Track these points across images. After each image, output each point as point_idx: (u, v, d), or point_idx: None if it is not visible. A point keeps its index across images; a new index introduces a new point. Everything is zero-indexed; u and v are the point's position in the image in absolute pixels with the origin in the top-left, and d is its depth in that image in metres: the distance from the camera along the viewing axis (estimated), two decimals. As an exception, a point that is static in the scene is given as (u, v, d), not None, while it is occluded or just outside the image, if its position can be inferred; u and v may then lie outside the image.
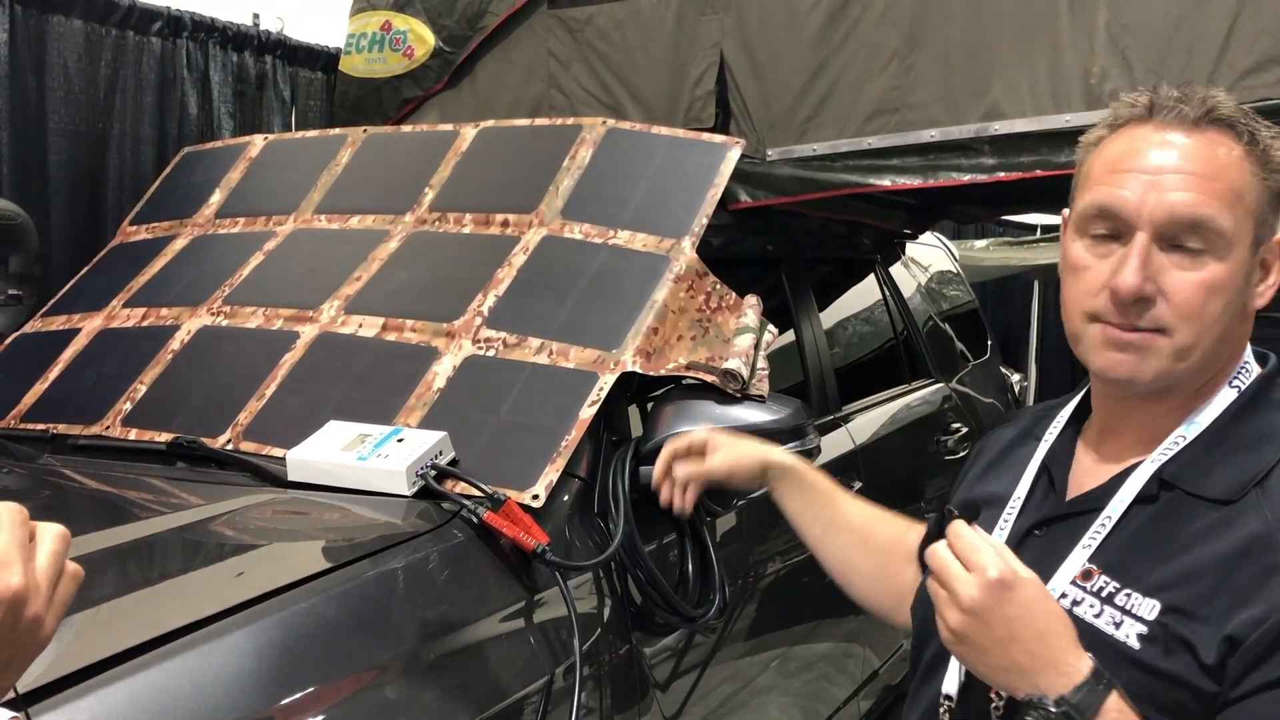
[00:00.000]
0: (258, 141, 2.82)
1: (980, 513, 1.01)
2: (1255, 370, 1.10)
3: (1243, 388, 1.07)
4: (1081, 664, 0.93)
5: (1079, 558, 1.05)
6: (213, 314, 2.33)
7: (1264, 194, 1.04)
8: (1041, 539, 1.11)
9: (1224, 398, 1.07)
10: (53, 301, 2.63)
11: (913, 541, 1.44)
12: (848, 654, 2.73)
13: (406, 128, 2.84)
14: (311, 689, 1.31)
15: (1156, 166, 1.02)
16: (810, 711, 2.57)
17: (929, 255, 3.98)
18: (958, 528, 0.98)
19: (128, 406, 2.18)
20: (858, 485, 2.67)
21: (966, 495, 1.29)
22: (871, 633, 2.81)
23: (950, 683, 1.12)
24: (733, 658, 2.18)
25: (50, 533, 0.88)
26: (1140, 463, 1.07)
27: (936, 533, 1.01)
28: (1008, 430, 1.32)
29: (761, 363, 2.06)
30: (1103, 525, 1.05)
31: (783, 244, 2.88)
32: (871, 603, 1.47)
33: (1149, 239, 1.02)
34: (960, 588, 0.95)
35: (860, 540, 1.47)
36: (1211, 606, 0.96)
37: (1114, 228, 1.04)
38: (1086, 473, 1.14)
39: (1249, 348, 1.11)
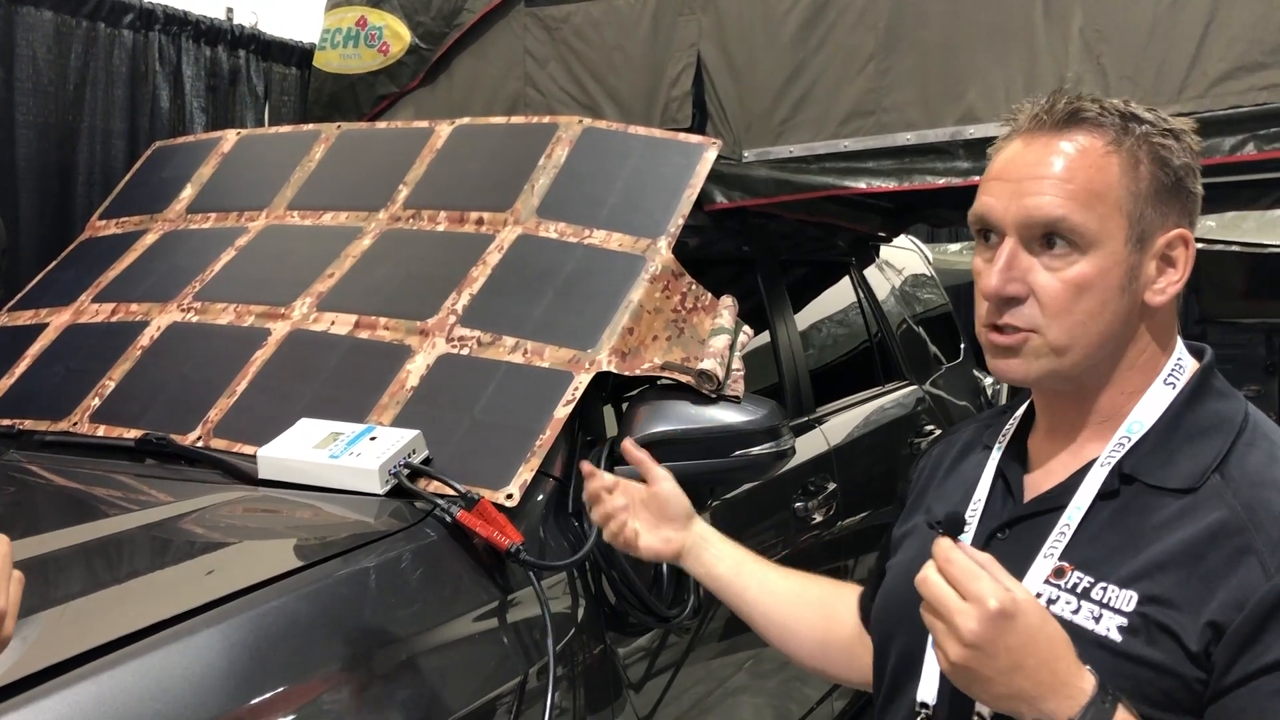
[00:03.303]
0: (230, 136, 2.80)
1: (964, 528, 1.00)
2: (1190, 365, 1.11)
3: (1179, 384, 1.09)
4: (1085, 684, 0.93)
5: (1049, 556, 1.05)
6: (183, 310, 2.31)
7: (1139, 188, 1.05)
8: (1005, 541, 1.11)
9: (1162, 395, 1.08)
10: (20, 296, 2.60)
11: (849, 596, 1.40)
12: (820, 655, 2.73)
13: (381, 124, 2.82)
14: (282, 689, 1.30)
15: (1018, 174, 1.07)
16: (783, 712, 2.57)
17: (903, 258, 3.99)
18: (949, 552, 0.95)
19: (96, 402, 2.15)
20: (832, 486, 2.68)
21: (948, 510, 1.28)
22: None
23: (927, 690, 1.11)
24: (706, 658, 2.17)
25: None
26: (1095, 460, 1.08)
27: (917, 547, 0.98)
28: (948, 449, 1.31)
29: (737, 364, 2.06)
30: (1068, 523, 1.06)
31: (758, 245, 2.88)
32: (820, 661, 1.39)
33: (1015, 242, 1.06)
34: (960, 620, 0.92)
35: (797, 596, 1.40)
36: (1186, 592, 0.96)
37: (992, 235, 1.10)
38: (1042, 473, 1.14)
39: (1179, 345, 1.12)
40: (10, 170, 3.00)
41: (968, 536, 1.14)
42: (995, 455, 1.20)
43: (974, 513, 1.17)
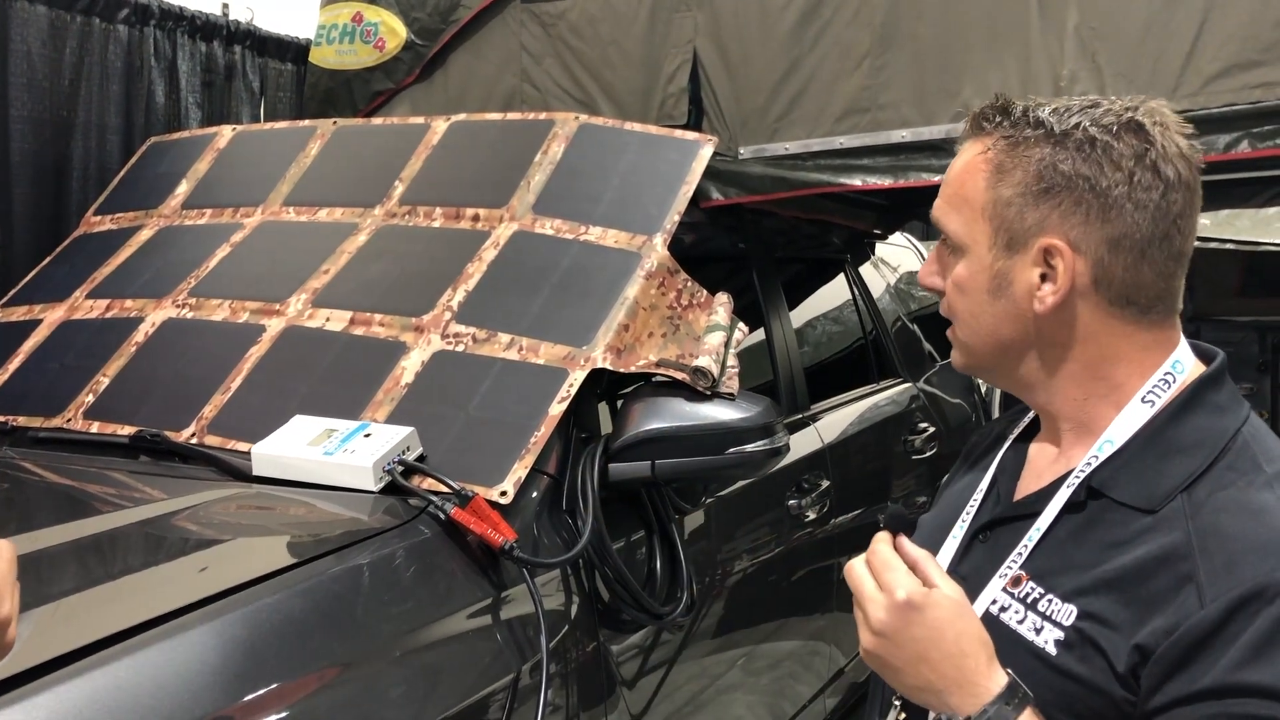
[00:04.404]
0: (226, 132, 2.79)
1: (911, 524, 1.01)
2: (1188, 375, 1.05)
3: (1159, 401, 1.03)
4: (993, 683, 0.93)
5: (1012, 564, 1.05)
6: (178, 306, 2.30)
7: (1005, 194, 1.04)
8: (984, 544, 1.11)
9: (1138, 413, 1.04)
10: (14, 292, 2.59)
11: None
12: (814, 652, 2.74)
13: (377, 120, 2.82)
14: (275, 685, 1.30)
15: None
16: (776, 709, 2.57)
17: (898, 255, 4.00)
18: (876, 544, 0.99)
19: (90, 399, 2.15)
20: (825, 483, 2.68)
21: (938, 498, 1.29)
22: (837, 631, 2.82)
23: None
24: (700, 655, 2.18)
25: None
26: (1075, 469, 1.06)
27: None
28: (983, 439, 1.32)
29: (731, 360, 2.06)
30: (1033, 533, 1.05)
31: (754, 242, 2.89)
32: None
33: (941, 239, 1.12)
34: (870, 609, 0.96)
35: None
36: (1125, 614, 0.95)
37: None
38: (1033, 476, 1.13)
39: (1177, 355, 1.05)
40: (4, 165, 2.99)
41: (959, 533, 1.15)
42: (999, 454, 1.19)
43: (970, 510, 1.17)
